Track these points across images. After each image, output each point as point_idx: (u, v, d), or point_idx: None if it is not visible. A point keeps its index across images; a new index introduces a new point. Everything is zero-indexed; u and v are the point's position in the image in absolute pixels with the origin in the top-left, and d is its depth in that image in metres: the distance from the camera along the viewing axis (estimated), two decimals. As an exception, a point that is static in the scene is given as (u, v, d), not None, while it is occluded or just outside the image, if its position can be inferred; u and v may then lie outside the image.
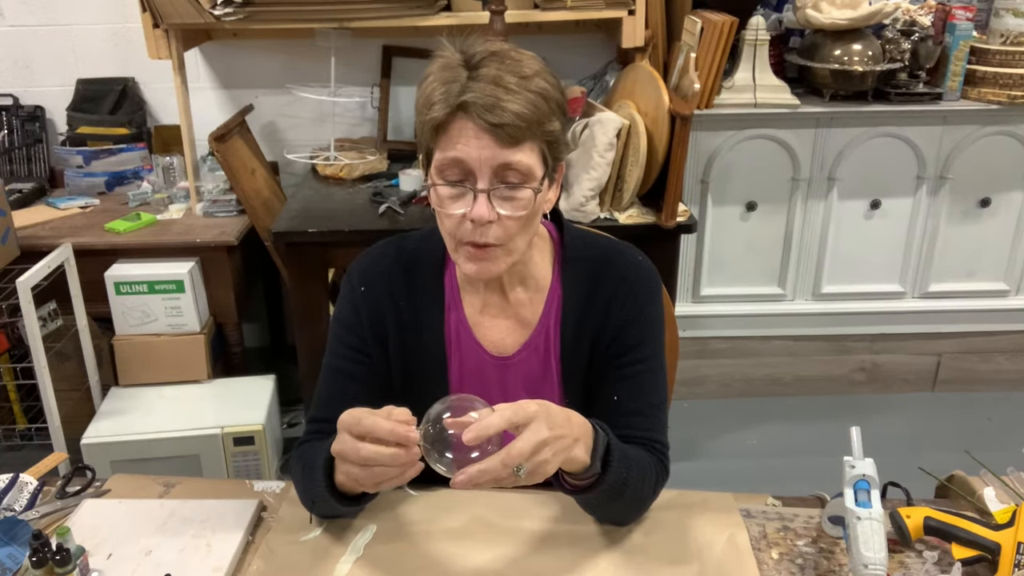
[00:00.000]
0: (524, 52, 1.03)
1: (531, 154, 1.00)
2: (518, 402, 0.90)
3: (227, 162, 2.37)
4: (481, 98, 0.96)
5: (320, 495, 1.03)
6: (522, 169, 1.00)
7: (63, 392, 2.32)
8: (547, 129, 1.01)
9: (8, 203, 2.33)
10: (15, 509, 1.14)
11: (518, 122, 0.97)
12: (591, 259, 1.17)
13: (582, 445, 0.95)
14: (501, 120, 0.96)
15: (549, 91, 1.01)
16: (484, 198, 0.99)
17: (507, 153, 0.98)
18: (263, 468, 2.29)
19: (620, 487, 1.01)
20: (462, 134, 0.98)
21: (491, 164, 0.98)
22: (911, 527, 1.04)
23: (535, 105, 0.98)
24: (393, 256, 1.18)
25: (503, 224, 1.01)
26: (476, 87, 0.97)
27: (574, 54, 2.76)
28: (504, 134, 0.97)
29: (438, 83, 1.00)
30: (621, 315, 1.13)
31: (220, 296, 2.45)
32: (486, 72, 0.98)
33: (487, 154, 0.98)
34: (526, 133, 0.98)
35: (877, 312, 2.83)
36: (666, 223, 2.15)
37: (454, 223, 1.02)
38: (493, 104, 0.96)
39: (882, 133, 2.61)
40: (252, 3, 2.25)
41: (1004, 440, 2.65)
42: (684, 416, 2.78)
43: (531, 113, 0.98)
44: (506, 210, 1.01)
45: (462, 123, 0.98)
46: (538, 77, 1.00)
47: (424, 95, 1.01)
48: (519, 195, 1.01)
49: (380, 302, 1.16)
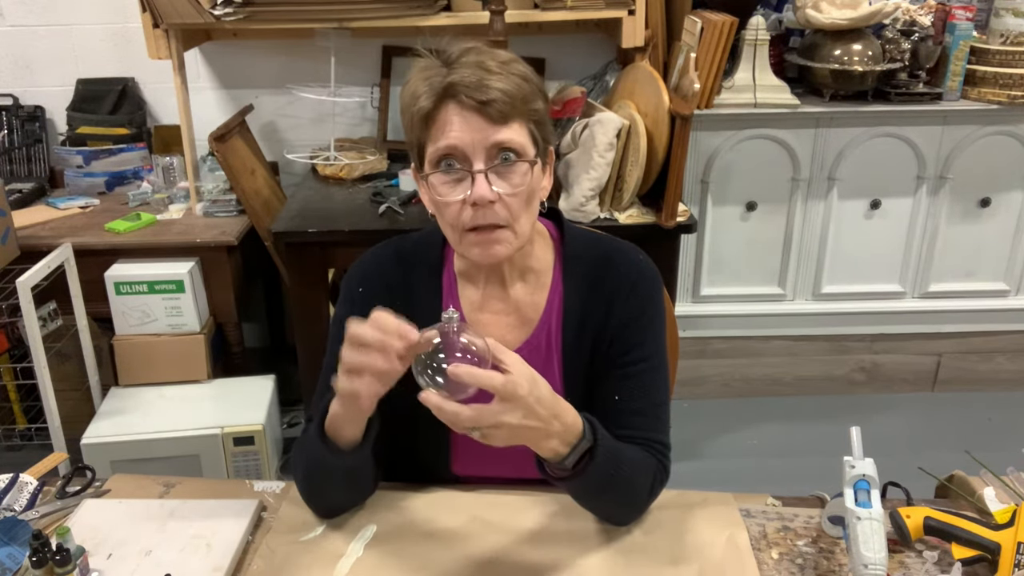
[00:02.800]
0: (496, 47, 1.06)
1: (521, 131, 1.03)
2: (519, 372, 0.90)
3: (227, 162, 2.37)
4: (466, 78, 0.99)
5: (316, 449, 1.03)
6: (515, 146, 1.02)
7: (63, 392, 2.32)
8: (533, 107, 1.04)
9: (8, 203, 2.33)
10: (15, 509, 1.14)
11: (505, 98, 0.99)
12: (592, 258, 1.17)
13: (556, 441, 0.96)
14: (488, 96, 0.99)
15: (528, 74, 1.05)
16: (482, 178, 1.01)
17: (498, 130, 1.00)
18: (263, 468, 2.29)
19: (605, 480, 1.02)
20: (452, 119, 1.00)
21: (484, 144, 1.00)
22: (911, 527, 1.04)
23: (518, 84, 1.01)
24: (391, 257, 1.19)
25: (505, 203, 1.02)
26: (460, 72, 1.00)
27: (574, 54, 2.76)
28: (494, 111, 0.99)
29: (420, 79, 1.03)
30: (622, 315, 1.13)
31: (220, 296, 2.45)
32: (466, 60, 1.01)
33: (479, 135, 1.00)
34: (513, 110, 1.01)
35: (877, 312, 2.83)
36: (666, 223, 2.15)
37: (455, 212, 1.03)
38: (479, 83, 0.99)
39: (882, 133, 2.61)
40: (252, 3, 2.25)
41: (1004, 440, 2.65)
42: (684, 416, 2.78)
43: (516, 90, 1.01)
44: (504, 188, 1.02)
45: (450, 108, 1.01)
46: (515, 62, 1.04)
47: (408, 93, 1.05)
48: (515, 170, 1.03)
49: (378, 302, 1.16)
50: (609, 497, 1.06)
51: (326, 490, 1.11)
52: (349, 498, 1.13)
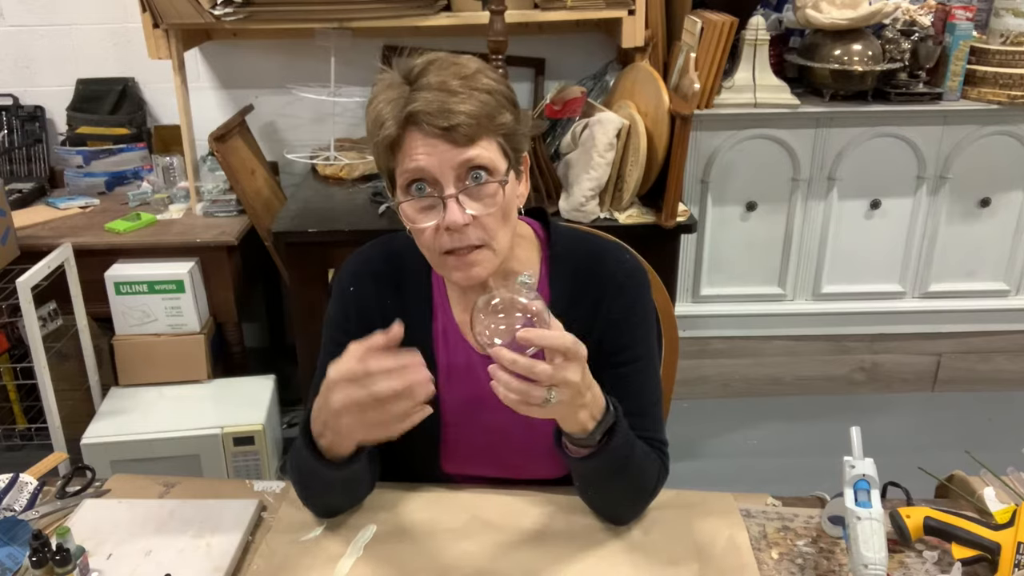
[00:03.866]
0: (462, 55, 1.03)
1: (489, 147, 1.00)
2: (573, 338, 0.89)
3: (227, 162, 2.37)
4: (427, 105, 0.96)
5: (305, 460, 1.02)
6: (483, 164, 0.99)
7: (63, 392, 2.32)
8: (499, 122, 1.01)
9: (8, 203, 2.33)
10: (15, 509, 1.14)
11: (469, 121, 0.97)
12: (578, 257, 1.16)
13: (587, 413, 0.96)
14: (451, 122, 0.96)
15: (494, 86, 1.01)
16: (453, 202, 0.99)
17: (464, 152, 0.98)
18: (263, 468, 2.29)
19: (622, 462, 1.01)
20: (416, 146, 0.98)
21: (452, 166, 0.98)
22: (911, 527, 1.04)
23: (482, 101, 0.98)
24: (381, 256, 1.19)
25: (480, 224, 1.01)
26: (420, 96, 0.97)
27: (574, 54, 2.76)
28: (459, 135, 0.97)
29: (383, 102, 1.00)
30: (610, 315, 1.13)
31: (220, 296, 2.45)
32: (428, 80, 0.98)
33: (446, 158, 0.98)
34: (479, 130, 0.98)
35: (877, 312, 2.83)
36: (666, 223, 2.15)
37: (429, 237, 1.02)
38: (439, 109, 0.96)
39: (882, 133, 2.61)
40: (252, 3, 2.25)
41: (1004, 440, 2.65)
42: (684, 416, 2.78)
43: (480, 109, 0.98)
44: (477, 209, 1.00)
45: (414, 135, 0.98)
46: (480, 74, 1.00)
47: (372, 118, 1.02)
48: (486, 191, 1.01)
49: (369, 302, 1.16)
50: (621, 483, 1.06)
51: (321, 495, 1.11)
52: (347, 501, 1.13)
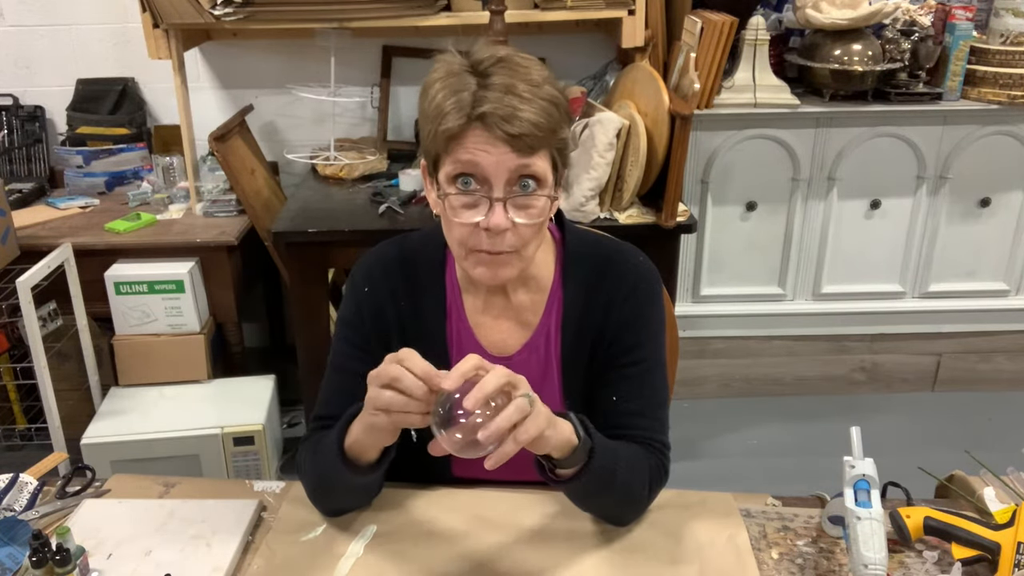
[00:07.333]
0: (527, 57, 1.02)
1: (545, 161, 1.00)
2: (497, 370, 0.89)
3: (227, 162, 2.37)
4: (498, 108, 0.95)
5: (332, 464, 1.03)
6: (536, 174, 0.99)
7: (63, 392, 2.32)
8: (560, 136, 1.01)
9: (8, 203, 2.33)
10: (15, 509, 1.14)
11: (535, 131, 0.96)
12: (592, 259, 1.17)
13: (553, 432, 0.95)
14: (520, 131, 0.95)
15: (558, 97, 1.00)
16: (500, 207, 0.98)
17: (524, 161, 0.97)
18: (263, 468, 2.29)
19: (608, 476, 1.01)
20: (478, 143, 0.97)
21: (507, 173, 0.98)
22: (911, 527, 1.04)
23: (549, 113, 0.98)
24: (395, 256, 1.18)
25: (518, 231, 1.01)
26: (491, 96, 0.96)
27: (574, 54, 2.76)
28: (523, 144, 0.96)
29: (447, 91, 0.98)
30: (621, 316, 1.13)
31: (220, 296, 2.45)
32: (497, 81, 0.97)
33: (503, 160, 0.97)
34: (542, 142, 0.98)
35: (877, 312, 2.83)
36: (666, 223, 2.15)
37: (466, 232, 1.01)
38: (510, 114, 0.95)
39: (882, 133, 2.61)
40: (252, 3, 2.25)
41: (1004, 440, 2.65)
42: (684, 416, 2.78)
43: (546, 122, 0.97)
44: (521, 218, 1.00)
45: (478, 133, 0.97)
46: (547, 84, 0.99)
47: (434, 104, 0.99)
48: (534, 203, 1.01)
49: (383, 302, 1.16)
50: (608, 499, 1.06)
51: (336, 497, 1.12)
52: (357, 504, 1.14)
